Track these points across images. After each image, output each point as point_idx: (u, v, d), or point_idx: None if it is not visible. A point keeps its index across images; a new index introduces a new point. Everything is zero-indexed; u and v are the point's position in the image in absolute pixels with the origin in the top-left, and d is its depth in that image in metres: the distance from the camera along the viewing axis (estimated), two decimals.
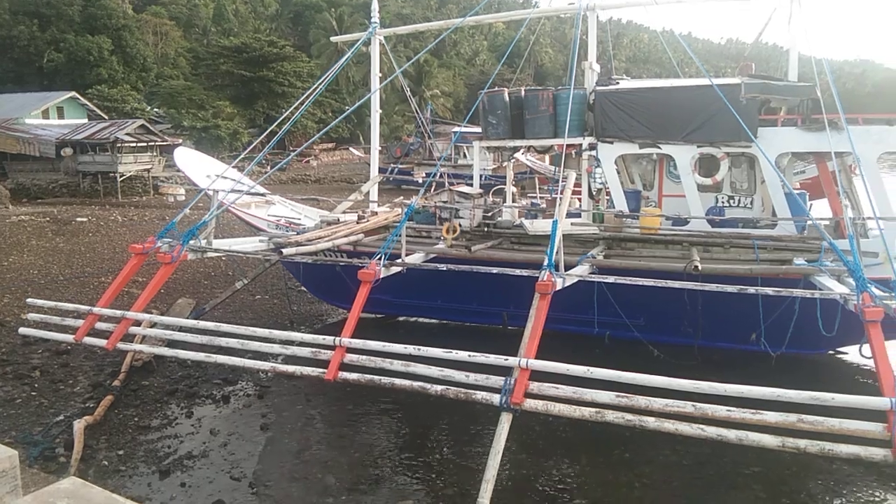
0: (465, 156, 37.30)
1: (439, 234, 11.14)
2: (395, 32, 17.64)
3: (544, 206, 13.68)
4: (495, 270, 8.68)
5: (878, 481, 7.40)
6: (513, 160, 14.68)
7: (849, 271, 7.46)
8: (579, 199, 12.31)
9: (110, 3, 63.69)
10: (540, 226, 10.95)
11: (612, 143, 11.34)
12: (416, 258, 9.96)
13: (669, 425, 6.09)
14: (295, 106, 12.51)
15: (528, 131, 11.95)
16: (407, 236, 10.27)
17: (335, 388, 9.02)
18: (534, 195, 17.95)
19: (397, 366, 7.30)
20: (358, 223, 12.00)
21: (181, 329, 9.17)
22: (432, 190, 14.16)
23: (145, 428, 8.66)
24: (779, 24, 11.57)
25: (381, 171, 18.52)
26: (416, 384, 7.17)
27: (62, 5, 60.42)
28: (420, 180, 27.46)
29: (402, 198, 15.56)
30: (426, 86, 70.50)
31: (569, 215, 10.75)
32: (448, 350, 7.16)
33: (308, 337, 8.03)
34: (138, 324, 9.31)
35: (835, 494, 7.24)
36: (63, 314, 9.63)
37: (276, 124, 12.27)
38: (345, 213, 13.50)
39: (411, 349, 7.44)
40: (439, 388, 7.02)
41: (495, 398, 6.63)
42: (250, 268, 13.89)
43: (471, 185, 13.16)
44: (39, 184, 38.02)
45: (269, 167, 33.03)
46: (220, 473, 7.61)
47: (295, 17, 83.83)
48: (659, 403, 6.18)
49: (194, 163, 14.77)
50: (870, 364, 6.74)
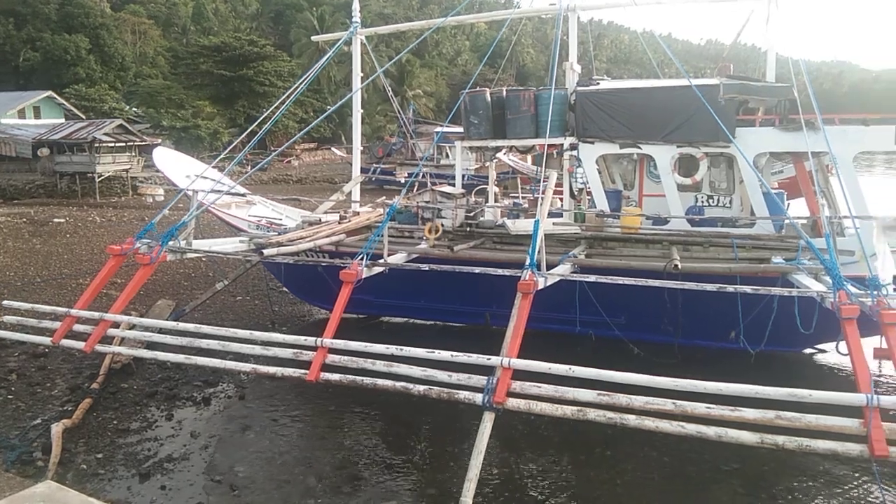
0: (447, 156, 37.28)
1: (422, 235, 11.14)
2: (376, 32, 17.61)
3: (526, 205, 13.72)
4: (477, 270, 8.70)
5: (854, 477, 7.51)
6: (495, 160, 14.70)
7: (825, 269, 7.57)
8: (561, 199, 12.35)
9: (88, 2, 62.97)
10: (522, 225, 10.98)
11: (592, 143, 11.40)
12: (398, 258, 9.95)
13: (650, 423, 6.14)
14: (276, 105, 12.43)
15: (510, 131, 11.98)
16: (389, 236, 10.26)
17: (317, 389, 8.99)
18: (516, 195, 17.99)
19: (380, 366, 7.30)
20: (340, 223, 11.95)
21: (161, 331, 9.09)
22: (415, 190, 14.15)
23: (124, 431, 8.56)
24: (757, 26, 11.73)
25: (364, 170, 18.48)
26: (399, 384, 7.17)
27: (38, 3, 59.60)
28: (402, 180, 27.39)
29: (384, 198, 15.52)
30: (408, 86, 70.35)
31: (550, 215, 10.79)
32: (431, 350, 7.18)
33: (289, 338, 7.99)
34: (117, 326, 9.20)
35: (812, 490, 7.34)
36: (40, 316, 9.49)
37: (257, 124, 12.18)
38: (326, 213, 13.45)
39: (394, 349, 7.43)
40: (422, 388, 7.02)
41: (478, 397, 6.65)
42: (231, 269, 13.78)
43: (453, 185, 13.16)
44: (16, 184, 37.38)
45: (250, 167, 32.80)
46: (200, 476, 7.55)
47: (276, 16, 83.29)
48: (640, 401, 6.24)
49: (174, 163, 14.63)
50: (846, 361, 6.85)
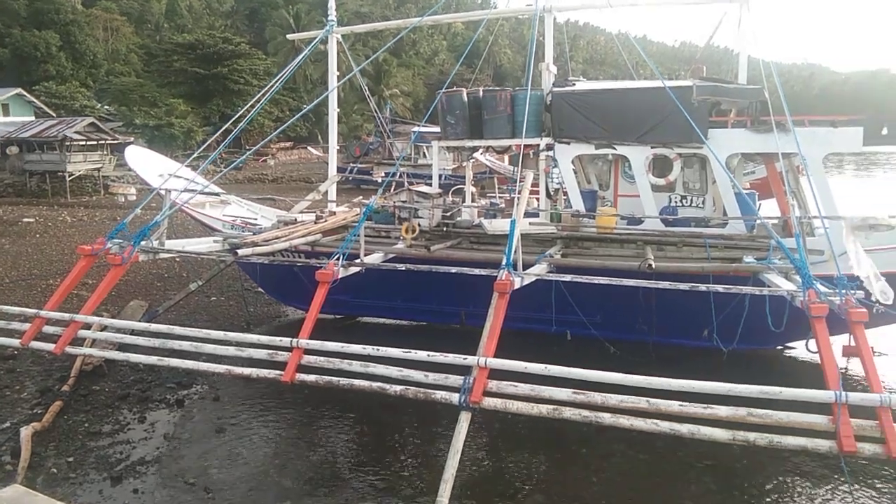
0: (424, 155, 37.26)
1: (398, 234, 11.12)
2: (352, 31, 17.53)
3: (503, 205, 13.76)
4: (454, 270, 8.71)
5: (823, 472, 7.65)
6: (472, 160, 14.73)
7: (795, 269, 7.71)
8: (537, 199, 12.41)
9: None
10: (498, 225, 11.01)
11: (568, 143, 11.46)
12: (374, 258, 9.93)
13: (624, 421, 6.21)
14: (251, 104, 12.31)
15: (487, 131, 11.99)
16: (366, 236, 10.23)
17: (293, 391, 8.94)
18: (493, 195, 18.04)
19: (356, 367, 7.27)
20: (316, 223, 11.88)
21: (133, 332, 8.97)
22: (392, 190, 14.12)
23: (96, 434, 8.43)
24: (729, 28, 11.89)
25: (340, 170, 18.40)
26: (376, 385, 7.15)
27: None
28: (379, 180, 27.29)
29: (360, 197, 15.46)
30: (385, 85, 70.19)
31: (527, 215, 10.84)
32: (407, 350, 7.17)
33: (264, 339, 7.93)
34: (88, 327, 9.05)
35: (783, 486, 7.46)
36: (9, 318, 9.29)
37: (232, 122, 12.05)
38: (302, 212, 13.35)
39: (370, 350, 7.42)
40: (398, 388, 7.01)
41: (454, 397, 6.66)
42: (205, 269, 13.63)
43: (430, 184, 13.16)
44: None
45: (224, 166, 32.46)
46: (174, 478, 7.46)
47: (251, 13, 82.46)
48: (614, 399, 6.30)
49: (146, 161, 14.43)
50: (816, 358, 6.98)
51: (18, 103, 48.24)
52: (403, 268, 9.17)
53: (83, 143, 37.15)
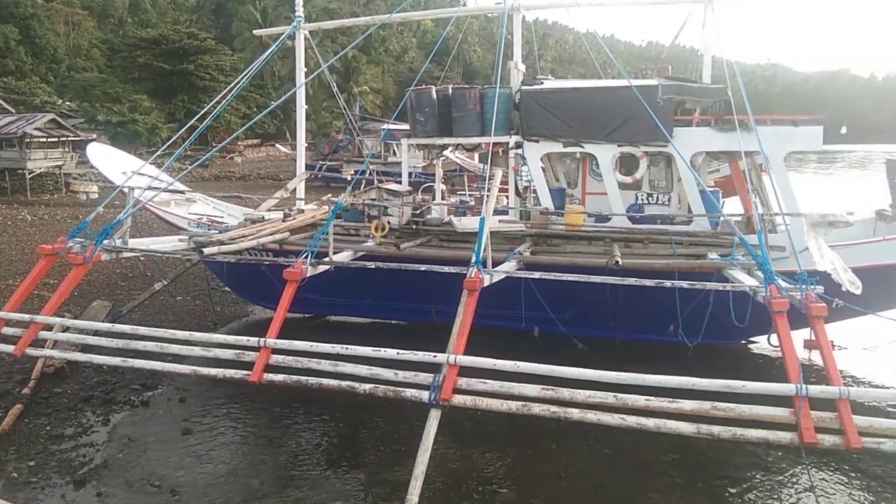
0: (394, 153, 37.13)
1: (368, 232, 11.07)
2: (320, 27, 17.37)
3: (473, 203, 13.80)
4: (424, 268, 8.70)
5: (785, 463, 7.83)
6: (442, 158, 14.72)
7: (758, 265, 7.87)
8: (507, 197, 12.47)
9: None
10: (468, 223, 11.03)
11: (537, 141, 11.53)
12: (343, 256, 9.87)
13: (592, 416, 6.28)
14: (216, 100, 12.13)
15: (456, 129, 12.01)
16: (335, 234, 10.17)
17: (261, 391, 8.84)
18: (463, 192, 18.07)
19: (325, 366, 7.23)
20: (284, 221, 11.77)
21: (96, 333, 8.79)
22: (361, 187, 14.04)
23: (58, 437, 8.24)
24: (694, 28, 12.09)
25: (309, 167, 18.22)
26: (345, 384, 7.13)
27: None
28: (349, 177, 27.12)
29: (329, 195, 15.36)
30: (354, 82, 69.84)
31: (496, 213, 10.88)
32: (377, 348, 7.15)
33: (231, 338, 7.85)
34: (49, 328, 8.83)
35: (746, 478, 7.61)
36: None
37: (197, 118, 11.87)
38: (270, 210, 13.22)
39: (339, 348, 7.38)
40: (368, 386, 7.00)
41: (424, 395, 6.68)
42: (170, 268, 13.40)
43: (400, 182, 13.12)
44: None
45: (190, 163, 31.95)
46: (139, 481, 7.33)
47: (217, 8, 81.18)
48: (582, 395, 6.38)
49: (109, 159, 14.13)
50: (778, 352, 7.15)
51: None
52: (373, 266, 9.14)
53: (44, 139, 36.29)
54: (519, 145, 11.67)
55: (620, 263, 8.97)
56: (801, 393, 6.00)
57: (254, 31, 20.88)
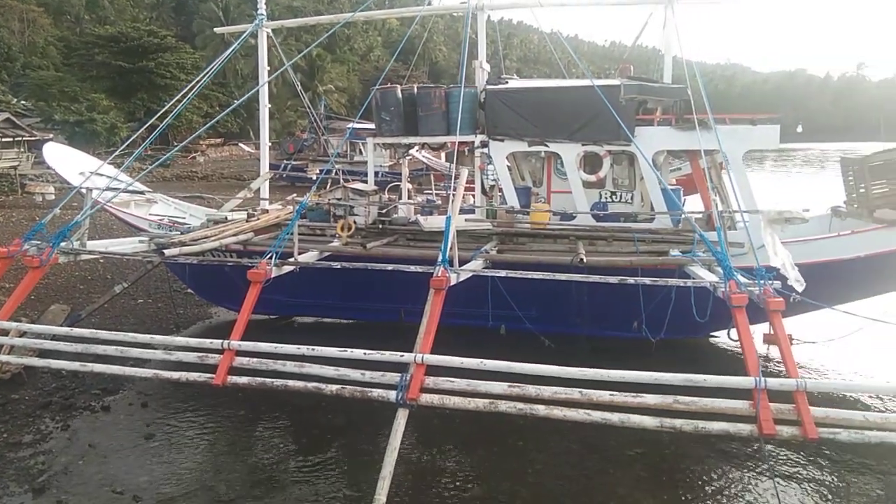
0: (360, 152, 36.95)
1: (334, 232, 11.00)
2: (283, 25, 17.14)
3: (440, 202, 13.82)
4: (390, 267, 8.67)
5: (746, 455, 8.01)
6: (409, 157, 14.72)
7: (717, 261, 8.04)
8: (473, 196, 12.51)
9: None
10: (435, 222, 11.04)
11: (502, 140, 11.59)
12: (309, 256, 9.79)
13: (558, 412, 6.34)
14: (177, 98, 11.91)
15: (422, 129, 12.01)
16: (300, 234, 10.08)
17: (225, 394, 8.73)
18: (430, 192, 18.07)
19: (291, 367, 7.17)
20: (248, 221, 11.63)
21: (54, 337, 8.59)
22: (327, 187, 13.94)
23: (16, 445, 8.03)
24: (656, 29, 12.27)
25: (273, 167, 18.03)
26: (311, 385, 7.07)
27: None
28: (314, 177, 26.88)
29: (294, 195, 15.21)
30: (319, 81, 69.29)
31: (462, 211, 10.91)
32: (343, 349, 7.11)
33: (194, 341, 7.73)
34: (6, 333, 8.59)
35: (708, 469, 7.77)
36: None
37: (157, 117, 11.63)
38: (233, 211, 13.04)
39: (305, 350, 7.33)
40: (335, 387, 6.96)
41: (391, 395, 6.67)
42: (131, 271, 13.15)
43: (366, 181, 13.07)
44: None
45: (151, 163, 31.36)
46: (100, 488, 7.17)
47: (177, 6, 79.72)
48: (548, 391, 6.44)
49: (66, 159, 13.76)
50: (737, 346, 7.31)
51: None
52: (339, 266, 9.08)
53: None
54: (484, 144, 11.71)
55: (585, 261, 9.07)
56: (760, 386, 6.15)
57: (215, 29, 20.55)
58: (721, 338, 11.62)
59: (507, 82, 12.25)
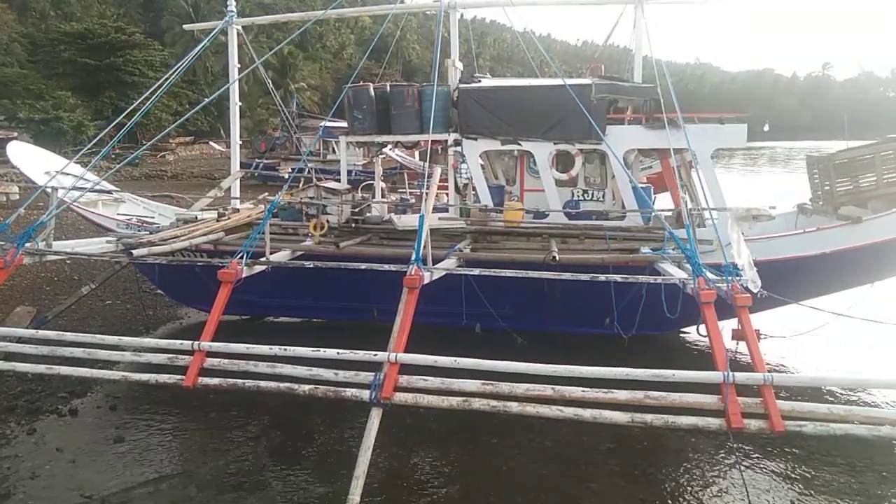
0: (333, 151, 36.72)
1: (306, 231, 10.93)
2: (253, 22, 16.95)
3: (413, 201, 13.79)
4: (364, 266, 8.64)
5: (715, 448, 8.15)
6: (382, 155, 14.65)
7: (686, 258, 8.16)
8: (446, 194, 12.51)
9: None
10: (408, 221, 11.02)
11: (475, 139, 11.62)
12: (281, 256, 9.72)
13: (531, 409, 6.39)
14: (146, 96, 11.72)
15: (395, 127, 11.98)
16: (272, 234, 10.00)
17: (196, 396, 8.61)
18: (403, 190, 18.02)
19: (262, 368, 7.13)
20: (218, 221, 11.50)
21: (20, 340, 8.37)
22: (299, 186, 13.84)
23: None
24: (626, 28, 12.40)
25: (245, 165, 17.86)
26: (284, 385, 7.03)
27: None
28: (286, 176, 26.65)
29: (266, 194, 15.07)
30: (291, 78, 68.59)
31: (436, 210, 10.92)
32: (316, 349, 7.08)
33: (163, 342, 7.65)
34: None
35: (679, 463, 7.88)
36: None
37: (125, 115, 11.43)
38: (204, 210, 12.88)
39: (277, 350, 7.29)
40: (307, 387, 6.94)
41: (365, 394, 6.66)
42: (99, 271, 12.91)
43: (339, 180, 13.00)
44: None
45: (118, 162, 30.81)
46: (68, 492, 7.04)
47: (146, 2, 78.27)
48: (521, 388, 6.48)
49: (31, 158, 13.46)
50: (706, 342, 7.43)
51: None
52: (311, 265, 9.03)
53: None
54: (458, 143, 11.72)
55: (558, 259, 9.14)
56: (728, 380, 6.26)
57: (184, 26, 20.22)
58: (692, 334, 11.78)
59: (479, 81, 12.28)
